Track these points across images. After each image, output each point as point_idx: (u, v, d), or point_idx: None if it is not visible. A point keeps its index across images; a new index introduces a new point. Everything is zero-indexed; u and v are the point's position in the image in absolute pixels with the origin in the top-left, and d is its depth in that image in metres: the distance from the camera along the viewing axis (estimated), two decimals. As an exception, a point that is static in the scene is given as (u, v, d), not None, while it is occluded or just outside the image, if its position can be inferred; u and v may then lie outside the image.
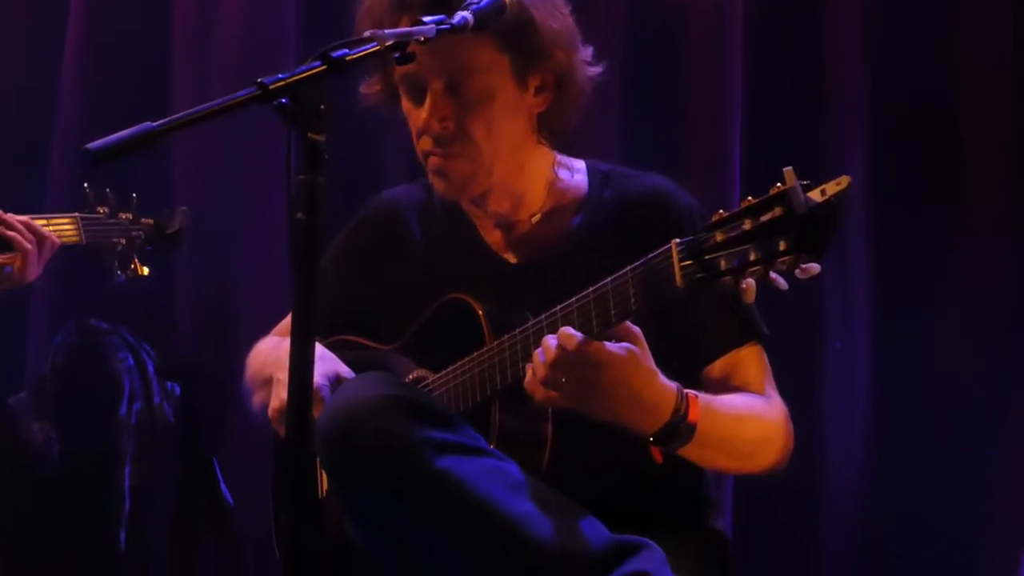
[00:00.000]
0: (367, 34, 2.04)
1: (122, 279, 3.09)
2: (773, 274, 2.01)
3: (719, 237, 2.04)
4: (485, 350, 2.40)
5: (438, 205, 2.69)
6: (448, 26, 2.20)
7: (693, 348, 2.48)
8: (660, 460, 2.30)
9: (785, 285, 2.03)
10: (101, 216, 3.09)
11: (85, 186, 3.09)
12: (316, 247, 1.90)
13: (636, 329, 2.24)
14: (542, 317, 2.31)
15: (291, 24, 3.73)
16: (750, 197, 2.02)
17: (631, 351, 2.23)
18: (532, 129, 2.59)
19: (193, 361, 3.61)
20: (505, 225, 2.63)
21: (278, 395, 2.52)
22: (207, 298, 3.68)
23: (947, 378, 3.43)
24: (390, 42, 2.04)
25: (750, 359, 2.52)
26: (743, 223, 2.02)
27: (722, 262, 2.04)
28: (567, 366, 2.21)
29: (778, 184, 1.98)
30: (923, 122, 3.47)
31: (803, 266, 1.98)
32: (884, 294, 3.48)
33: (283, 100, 1.89)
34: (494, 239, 2.64)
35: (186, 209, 3.18)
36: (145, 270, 3.12)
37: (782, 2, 3.59)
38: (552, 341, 2.23)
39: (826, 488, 3.45)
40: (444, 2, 2.31)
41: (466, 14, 2.24)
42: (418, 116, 2.52)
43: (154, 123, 1.86)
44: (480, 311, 2.45)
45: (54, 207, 3.18)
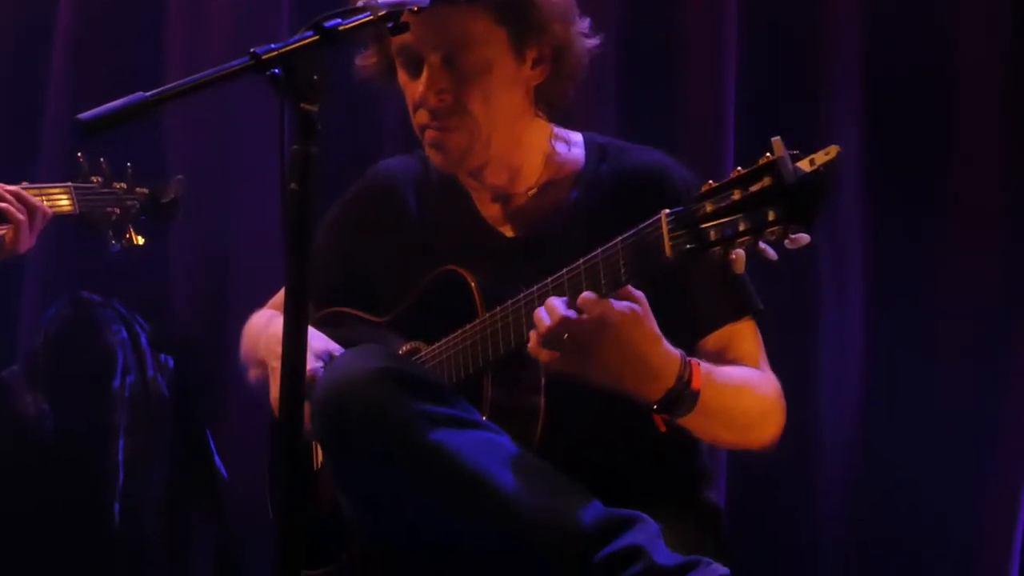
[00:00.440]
0: (360, 3, 2.03)
1: (117, 249, 3.08)
2: (763, 244, 2.01)
3: (708, 207, 2.04)
4: (477, 322, 2.40)
5: (435, 177, 2.68)
6: (443, -4, 2.20)
7: (687, 322, 2.47)
8: (663, 429, 2.29)
9: (775, 256, 2.03)
10: (95, 185, 3.07)
11: (79, 155, 3.07)
12: (309, 218, 1.89)
13: (639, 293, 2.23)
14: (533, 289, 2.31)
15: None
16: (739, 167, 2.01)
17: (635, 310, 2.21)
18: (529, 102, 2.58)
19: (187, 334, 3.60)
20: (502, 198, 2.62)
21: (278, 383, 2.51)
22: (201, 270, 3.67)
23: (941, 353, 3.42)
24: (383, 12, 2.03)
25: (744, 333, 2.52)
26: (732, 193, 2.01)
27: (711, 232, 2.04)
28: (571, 325, 2.20)
29: (767, 154, 1.97)
30: (918, 95, 3.45)
31: (792, 236, 1.98)
32: (878, 270, 3.48)
33: (276, 70, 1.88)
34: (490, 212, 2.63)
35: (181, 178, 3.16)
36: (140, 240, 3.10)
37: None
38: (556, 301, 2.22)
39: (818, 462, 3.45)
40: None
41: (462, -16, 2.24)
42: (415, 89, 2.51)
43: (146, 93, 1.85)
44: (473, 283, 2.45)
45: (47, 177, 3.16)
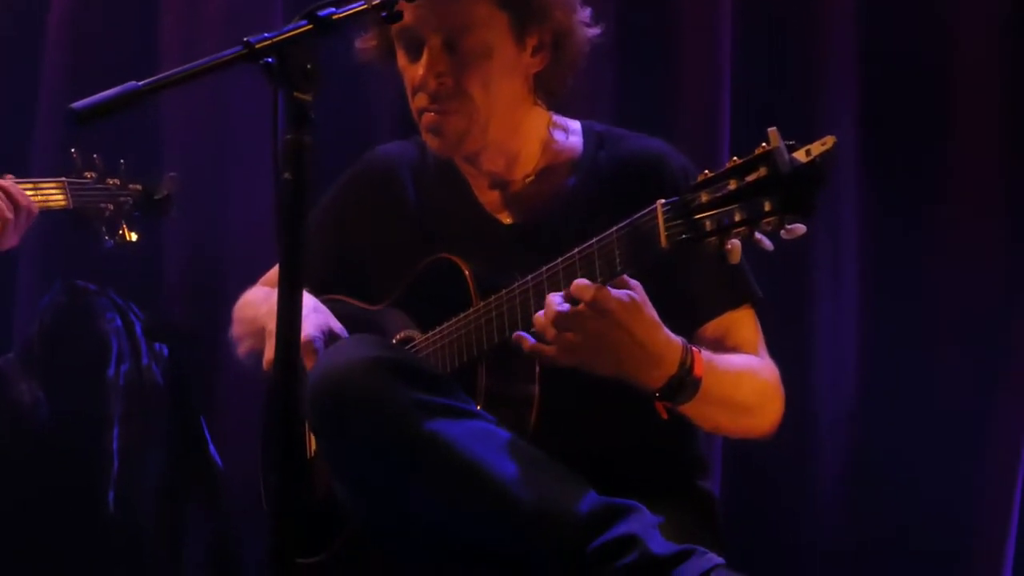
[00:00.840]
0: (355, -9, 2.02)
1: (110, 245, 3.08)
2: (758, 235, 2.01)
3: (704, 197, 2.04)
4: (472, 311, 2.40)
5: (432, 163, 2.68)
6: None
7: (687, 310, 2.47)
8: (665, 416, 2.29)
9: (771, 246, 2.03)
10: (89, 181, 3.07)
11: (72, 151, 3.07)
12: (303, 208, 1.89)
13: (634, 282, 2.23)
14: (528, 278, 2.30)
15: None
16: (735, 157, 2.01)
17: (632, 297, 2.21)
18: (528, 89, 2.58)
19: (182, 322, 3.60)
20: (499, 184, 2.62)
21: (272, 347, 2.51)
22: (196, 259, 3.66)
23: (936, 343, 3.42)
24: (377, 0, 2.02)
25: (743, 321, 2.52)
26: (728, 183, 2.01)
27: (707, 223, 2.04)
28: (570, 319, 2.19)
29: (763, 144, 1.97)
30: (915, 84, 3.45)
31: (788, 226, 1.98)
32: (873, 260, 3.48)
33: (269, 59, 1.87)
34: (487, 199, 2.63)
35: (175, 175, 3.16)
36: (133, 236, 3.11)
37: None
38: (554, 298, 2.21)
39: (813, 452, 3.45)
40: None
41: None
42: (414, 72, 2.51)
43: (139, 82, 1.85)
44: (467, 271, 2.44)
45: (40, 172, 3.15)
